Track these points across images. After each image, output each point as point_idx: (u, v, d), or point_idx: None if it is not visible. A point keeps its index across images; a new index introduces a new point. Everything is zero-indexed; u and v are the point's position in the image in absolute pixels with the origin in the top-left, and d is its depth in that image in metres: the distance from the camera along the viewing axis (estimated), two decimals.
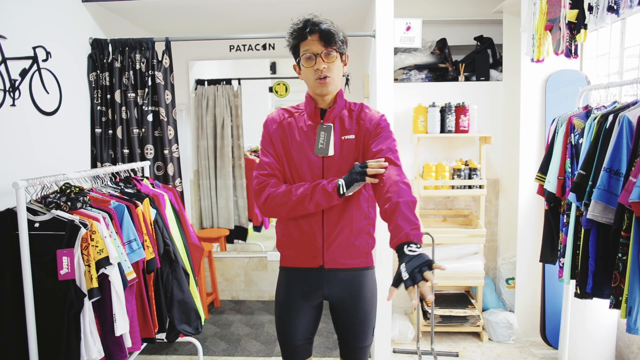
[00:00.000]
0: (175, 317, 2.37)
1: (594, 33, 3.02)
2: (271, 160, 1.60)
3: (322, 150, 1.57)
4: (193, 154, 4.16)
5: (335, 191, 1.48)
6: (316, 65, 1.54)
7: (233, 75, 4.14)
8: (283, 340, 1.67)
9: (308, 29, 1.53)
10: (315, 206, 1.51)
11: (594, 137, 2.00)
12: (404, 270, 1.20)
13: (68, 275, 1.83)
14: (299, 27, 1.54)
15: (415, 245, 1.26)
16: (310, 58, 1.54)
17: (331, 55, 1.54)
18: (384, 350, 2.74)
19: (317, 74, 1.54)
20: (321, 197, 1.49)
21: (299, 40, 1.56)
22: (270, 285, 3.93)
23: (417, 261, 1.20)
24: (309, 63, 1.55)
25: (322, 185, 1.50)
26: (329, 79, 1.55)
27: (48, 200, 1.96)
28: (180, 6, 3.05)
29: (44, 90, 2.38)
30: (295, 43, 1.57)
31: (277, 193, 1.53)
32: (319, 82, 1.55)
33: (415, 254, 1.23)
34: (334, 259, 1.59)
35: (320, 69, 1.53)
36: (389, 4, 2.60)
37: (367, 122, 1.60)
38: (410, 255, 1.23)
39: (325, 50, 1.53)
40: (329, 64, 1.54)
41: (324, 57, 1.53)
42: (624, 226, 1.73)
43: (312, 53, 1.53)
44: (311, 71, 1.55)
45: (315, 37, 1.53)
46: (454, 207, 3.54)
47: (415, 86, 3.43)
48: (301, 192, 1.51)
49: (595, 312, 2.61)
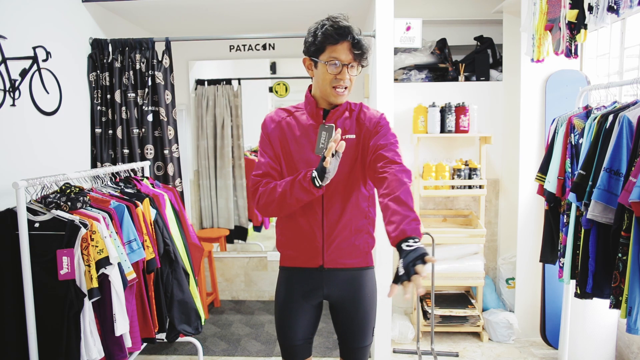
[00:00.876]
0: (175, 317, 2.37)
1: (594, 33, 3.02)
2: (267, 161, 1.58)
3: (322, 150, 1.52)
4: (193, 154, 4.16)
5: (311, 185, 1.42)
6: (340, 75, 1.49)
7: (233, 75, 4.14)
8: (283, 340, 1.67)
9: (348, 37, 1.46)
10: (297, 202, 1.47)
11: (594, 137, 2.00)
12: (401, 266, 1.20)
13: (68, 275, 1.83)
14: (337, 31, 1.46)
15: (412, 240, 1.25)
16: (337, 66, 1.48)
17: (357, 69, 1.52)
18: (384, 350, 2.74)
19: (337, 82, 1.50)
20: (300, 193, 1.45)
21: (329, 43, 1.47)
22: (270, 285, 3.93)
23: (412, 255, 1.19)
24: (333, 70, 1.49)
25: (298, 180, 1.45)
26: (345, 91, 1.53)
27: (48, 200, 1.96)
28: (180, 6, 3.05)
29: (44, 90, 2.38)
30: (322, 44, 1.48)
31: (265, 192, 1.52)
32: (336, 92, 1.52)
33: (411, 249, 1.22)
34: (334, 259, 1.59)
35: (343, 80, 1.50)
36: (389, 4, 2.60)
37: (366, 122, 1.59)
38: (407, 250, 1.22)
39: (355, 63, 1.50)
40: (352, 76, 1.52)
41: (350, 69, 1.50)
42: (624, 226, 1.73)
43: (341, 62, 1.48)
44: (331, 78, 1.50)
45: (347, 46, 1.47)
46: (454, 207, 3.54)
47: (415, 86, 3.43)
48: (281, 190, 1.48)
49: (595, 312, 2.61)
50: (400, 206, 1.33)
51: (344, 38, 1.46)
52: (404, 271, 1.18)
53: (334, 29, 1.46)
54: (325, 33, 1.47)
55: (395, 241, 1.28)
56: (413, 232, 1.27)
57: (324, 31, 1.47)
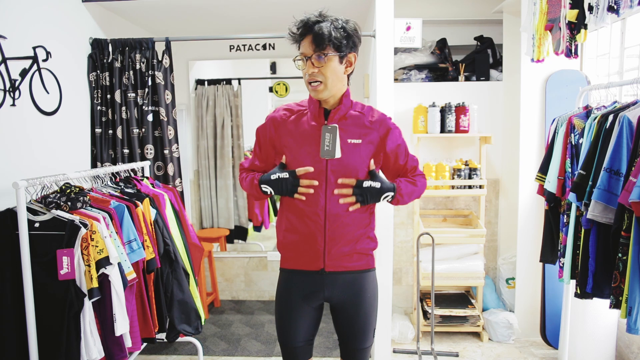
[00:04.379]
0: (175, 317, 2.37)
1: (594, 33, 3.02)
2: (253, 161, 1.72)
3: (328, 153, 1.51)
4: (193, 154, 4.16)
5: (262, 195, 1.60)
6: (307, 69, 1.50)
7: (233, 75, 4.14)
8: (283, 341, 1.66)
9: (301, 31, 1.49)
10: (257, 198, 1.65)
11: (594, 137, 2.00)
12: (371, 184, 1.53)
13: (68, 275, 1.83)
14: (294, 30, 1.51)
15: (390, 194, 1.54)
16: (302, 61, 1.50)
17: (321, 60, 1.47)
18: (384, 350, 2.74)
19: (309, 77, 1.50)
20: (256, 195, 1.63)
21: (298, 42, 1.53)
22: (270, 285, 3.93)
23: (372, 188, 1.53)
24: (301, 65, 1.52)
25: (255, 185, 1.61)
26: (320, 86, 1.50)
27: (48, 200, 1.96)
28: (180, 6, 3.05)
29: (44, 90, 2.38)
30: (295, 44, 1.55)
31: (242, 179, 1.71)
32: (311, 87, 1.52)
33: (374, 187, 1.52)
34: (335, 263, 1.58)
35: (311, 74, 1.49)
36: (389, 4, 2.60)
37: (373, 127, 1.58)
38: (375, 188, 1.52)
39: (315, 54, 1.47)
40: (319, 68, 1.48)
41: (315, 61, 1.48)
42: (624, 226, 1.73)
43: (304, 56, 1.50)
44: (304, 74, 1.52)
45: (308, 39, 1.48)
46: (454, 207, 3.54)
47: (415, 86, 3.43)
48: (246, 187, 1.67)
49: (595, 312, 2.61)
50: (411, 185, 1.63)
51: (303, 33, 1.49)
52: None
53: (295, 27, 1.50)
54: (290, 34, 1.53)
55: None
56: (397, 189, 1.56)
57: (289, 33, 1.53)
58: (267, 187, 1.56)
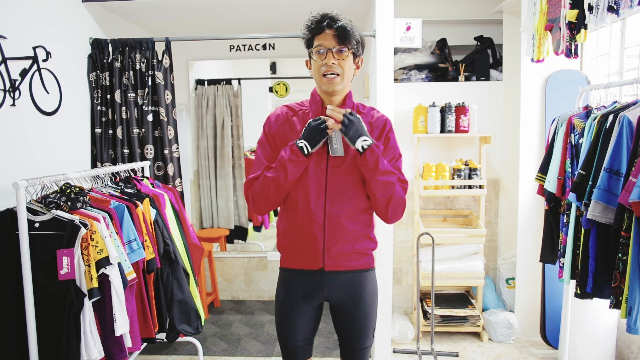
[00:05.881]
0: (175, 317, 2.37)
1: (594, 33, 3.02)
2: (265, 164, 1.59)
3: (337, 150, 1.55)
4: (193, 154, 4.16)
5: (300, 155, 1.50)
6: (325, 60, 1.51)
7: (233, 75, 4.14)
8: (283, 341, 1.66)
9: (325, 23, 1.50)
10: (291, 175, 1.53)
11: (594, 137, 2.00)
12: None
13: (68, 275, 1.83)
14: (316, 20, 1.52)
15: (369, 141, 1.49)
16: (322, 52, 1.51)
17: (343, 53, 1.51)
18: (384, 350, 2.74)
19: (325, 69, 1.51)
20: (292, 168, 1.52)
21: (314, 34, 1.53)
22: (270, 285, 3.93)
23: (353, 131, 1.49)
24: (319, 57, 1.52)
25: (288, 158, 1.51)
26: (336, 78, 1.52)
27: (48, 200, 1.96)
28: (180, 6, 3.05)
29: (44, 90, 2.38)
30: (310, 36, 1.54)
31: (257, 189, 1.57)
32: (326, 79, 1.52)
33: (362, 126, 1.51)
34: (335, 262, 1.58)
35: (329, 64, 1.50)
36: (389, 4, 2.60)
37: (375, 126, 1.61)
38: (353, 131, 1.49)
39: (338, 46, 1.50)
40: (339, 61, 1.51)
41: (336, 53, 1.51)
42: (624, 226, 1.73)
43: (325, 48, 1.51)
44: (319, 66, 1.52)
45: (330, 32, 1.50)
46: (454, 207, 3.54)
47: (415, 86, 3.43)
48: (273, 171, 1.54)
49: (595, 312, 2.61)
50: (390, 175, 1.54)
51: (324, 23, 1.51)
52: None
53: (316, 19, 1.52)
54: (309, 26, 1.54)
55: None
56: (373, 149, 1.49)
57: (307, 25, 1.54)
58: (301, 142, 1.51)
